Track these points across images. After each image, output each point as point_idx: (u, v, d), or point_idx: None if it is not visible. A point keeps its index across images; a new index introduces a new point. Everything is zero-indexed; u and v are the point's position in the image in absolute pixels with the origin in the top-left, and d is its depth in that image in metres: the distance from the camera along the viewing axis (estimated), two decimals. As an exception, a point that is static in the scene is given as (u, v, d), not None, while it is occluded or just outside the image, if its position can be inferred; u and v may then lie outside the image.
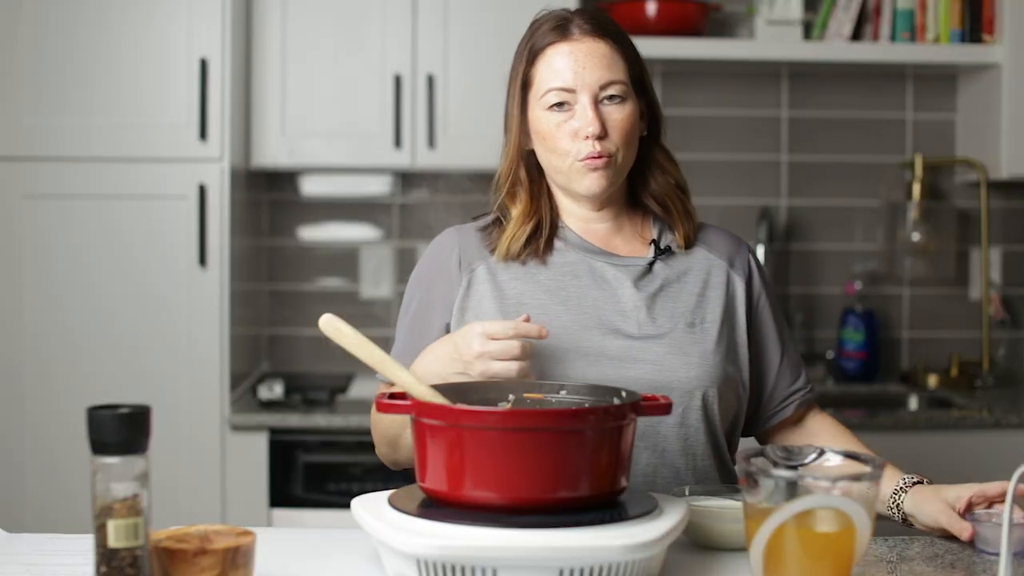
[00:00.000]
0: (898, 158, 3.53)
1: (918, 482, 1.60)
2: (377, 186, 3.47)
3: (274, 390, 2.98)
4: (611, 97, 1.63)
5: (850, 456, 1.35)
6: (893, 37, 3.30)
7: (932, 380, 3.36)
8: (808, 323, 3.52)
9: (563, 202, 1.72)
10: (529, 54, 1.66)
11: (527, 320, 1.49)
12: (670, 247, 1.72)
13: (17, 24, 2.89)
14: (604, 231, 1.72)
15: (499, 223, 1.71)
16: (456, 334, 1.52)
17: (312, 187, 3.46)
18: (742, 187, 3.49)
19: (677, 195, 1.73)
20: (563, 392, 1.48)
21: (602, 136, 1.62)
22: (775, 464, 1.37)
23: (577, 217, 1.72)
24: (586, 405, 1.44)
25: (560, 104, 1.63)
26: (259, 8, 3.11)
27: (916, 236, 3.42)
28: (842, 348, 3.47)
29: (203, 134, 2.90)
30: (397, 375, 1.41)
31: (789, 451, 1.39)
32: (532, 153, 1.70)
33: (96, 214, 2.90)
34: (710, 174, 3.47)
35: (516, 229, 1.68)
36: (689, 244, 1.73)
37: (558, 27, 1.65)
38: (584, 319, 1.64)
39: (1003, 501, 1.46)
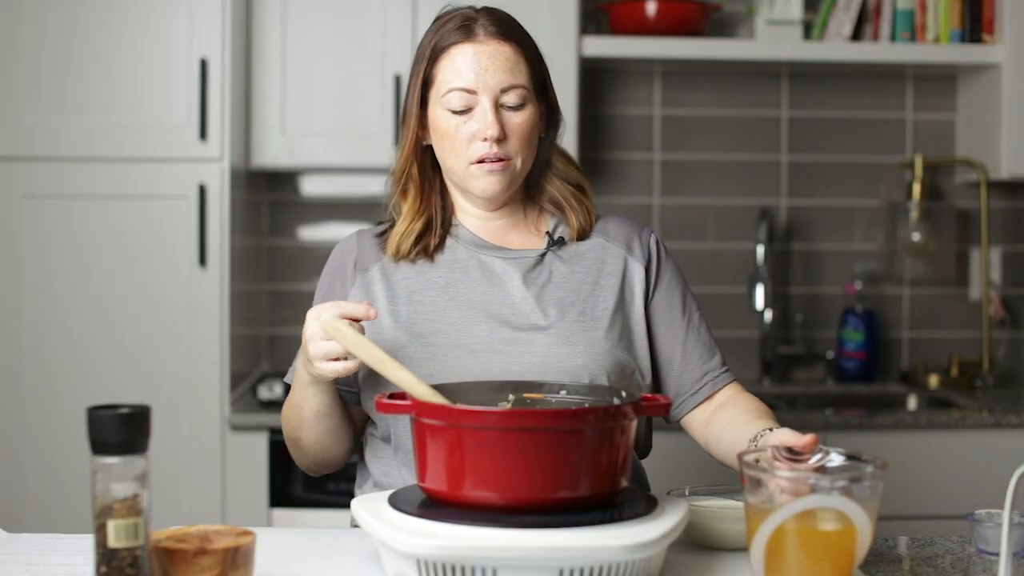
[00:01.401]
0: (898, 158, 3.53)
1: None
2: (377, 186, 3.46)
3: (274, 390, 2.98)
4: (512, 101, 1.63)
5: (851, 456, 1.35)
6: (893, 37, 3.30)
7: (932, 380, 3.36)
8: (808, 323, 3.52)
9: (459, 200, 1.73)
10: (432, 52, 1.66)
11: (368, 307, 1.48)
12: (563, 238, 1.72)
13: (17, 24, 2.88)
14: (499, 227, 1.72)
15: (395, 225, 1.73)
16: None
17: (312, 187, 3.46)
18: (742, 187, 3.49)
19: (572, 193, 1.73)
20: (563, 392, 1.48)
21: (501, 139, 1.62)
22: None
23: (472, 215, 1.72)
24: (586, 405, 1.44)
25: (461, 105, 1.63)
26: (259, 8, 3.11)
27: (916, 236, 3.41)
28: (842, 348, 3.46)
29: (203, 134, 2.90)
30: (397, 375, 1.41)
31: (790, 451, 1.39)
32: (429, 149, 1.70)
33: (96, 214, 2.90)
34: (710, 174, 3.47)
35: (406, 227, 1.70)
36: (583, 236, 1.73)
37: (463, 26, 1.64)
38: (472, 315, 1.64)
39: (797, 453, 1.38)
